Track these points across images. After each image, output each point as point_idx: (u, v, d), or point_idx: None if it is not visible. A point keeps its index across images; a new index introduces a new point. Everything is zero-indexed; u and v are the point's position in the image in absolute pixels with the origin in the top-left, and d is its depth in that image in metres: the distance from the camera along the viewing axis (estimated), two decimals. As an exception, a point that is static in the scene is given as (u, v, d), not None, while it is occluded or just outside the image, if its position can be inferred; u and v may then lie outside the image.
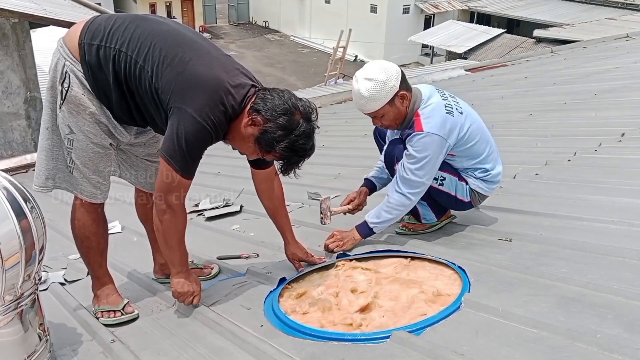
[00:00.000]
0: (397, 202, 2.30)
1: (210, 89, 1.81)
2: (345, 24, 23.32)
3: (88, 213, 2.08)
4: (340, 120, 6.76)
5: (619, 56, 7.58)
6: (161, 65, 1.81)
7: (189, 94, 1.80)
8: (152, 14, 27.74)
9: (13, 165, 5.67)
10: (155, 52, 1.82)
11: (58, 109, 1.95)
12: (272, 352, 1.72)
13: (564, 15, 22.05)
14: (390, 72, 2.20)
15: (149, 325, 2.07)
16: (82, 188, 2.03)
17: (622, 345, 1.46)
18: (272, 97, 1.86)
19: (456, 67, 9.89)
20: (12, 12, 6.27)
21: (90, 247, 2.11)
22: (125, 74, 1.86)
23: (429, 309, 1.84)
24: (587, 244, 2.11)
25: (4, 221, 1.52)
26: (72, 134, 1.95)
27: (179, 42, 1.86)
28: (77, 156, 1.98)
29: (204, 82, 1.81)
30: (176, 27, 1.95)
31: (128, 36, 1.85)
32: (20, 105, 6.97)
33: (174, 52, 1.83)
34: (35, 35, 7.39)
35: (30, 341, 1.68)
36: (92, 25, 1.90)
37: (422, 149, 2.21)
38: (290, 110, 1.84)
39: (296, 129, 1.84)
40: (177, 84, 1.80)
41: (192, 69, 1.81)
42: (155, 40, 1.84)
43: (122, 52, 1.84)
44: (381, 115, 2.26)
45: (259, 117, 1.84)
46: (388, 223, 2.37)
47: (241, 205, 3.50)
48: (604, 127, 3.96)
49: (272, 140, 1.84)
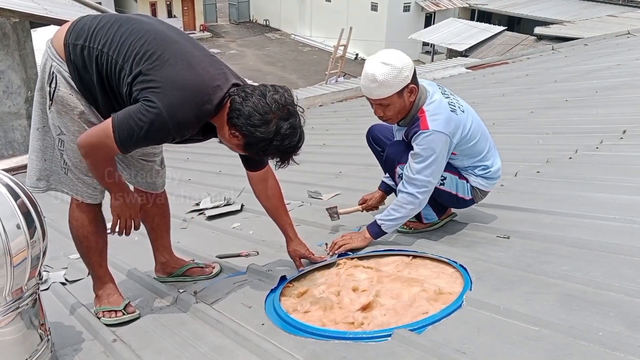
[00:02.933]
0: (405, 201, 2.27)
1: (185, 88, 1.77)
2: (346, 22, 23.30)
3: (86, 213, 2.07)
4: (341, 118, 6.75)
5: (620, 53, 7.57)
6: (139, 63, 1.78)
7: (163, 89, 1.75)
8: (152, 14, 27.96)
9: (14, 165, 5.67)
10: (134, 51, 1.80)
11: (48, 110, 1.94)
12: (274, 351, 1.72)
13: (564, 12, 22.03)
14: (406, 61, 2.17)
15: (150, 324, 2.08)
16: (77, 189, 2.02)
17: (624, 342, 1.46)
18: (246, 104, 1.80)
19: (457, 65, 9.87)
20: (13, 11, 6.27)
21: (90, 247, 2.11)
22: (108, 74, 1.85)
23: (431, 308, 1.84)
24: (589, 242, 2.11)
25: (10, 218, 1.54)
26: (62, 135, 1.94)
27: (159, 42, 1.82)
28: (68, 157, 1.97)
29: (179, 81, 1.77)
30: (159, 26, 1.91)
31: (110, 36, 1.84)
32: (21, 105, 6.97)
33: (153, 50, 1.79)
34: (36, 34, 7.39)
35: (31, 341, 1.68)
36: (77, 25, 1.90)
37: (428, 147, 2.18)
38: (265, 119, 1.79)
39: (277, 134, 1.80)
40: (152, 78, 1.76)
41: (170, 67, 1.77)
42: (135, 39, 1.82)
43: (103, 53, 1.83)
44: (387, 104, 2.22)
45: (237, 132, 1.84)
46: (397, 221, 2.33)
47: (242, 204, 3.49)
48: (605, 125, 3.96)
49: (258, 150, 1.86)
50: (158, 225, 2.37)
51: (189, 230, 3.24)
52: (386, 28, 25.91)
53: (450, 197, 2.38)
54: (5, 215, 1.53)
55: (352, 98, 7.97)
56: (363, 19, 26.19)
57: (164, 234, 2.39)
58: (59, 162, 2.00)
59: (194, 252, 2.68)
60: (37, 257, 1.63)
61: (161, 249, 2.40)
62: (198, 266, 2.44)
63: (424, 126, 2.19)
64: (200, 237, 3.10)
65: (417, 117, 2.23)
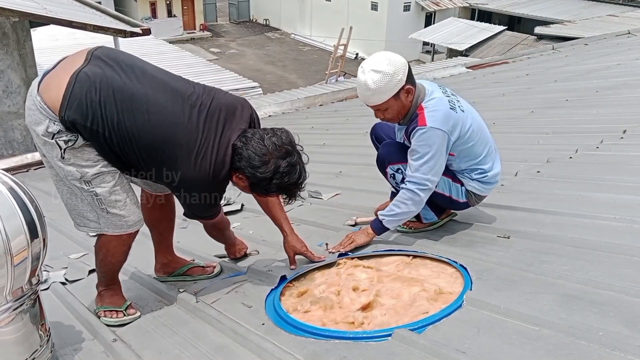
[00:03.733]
0: (405, 197, 2.26)
1: (204, 176, 1.91)
2: (346, 22, 23.29)
3: (123, 246, 2.04)
4: (341, 118, 6.75)
5: (621, 53, 7.56)
6: (155, 164, 1.89)
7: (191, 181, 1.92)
8: (152, 13, 28.06)
9: (14, 165, 5.66)
10: (145, 150, 1.86)
11: (59, 160, 1.85)
12: (274, 350, 1.72)
13: (565, 12, 22.03)
14: (398, 65, 2.15)
15: (151, 324, 2.08)
16: (127, 221, 1.97)
17: (624, 342, 1.46)
18: (246, 147, 1.92)
19: (457, 64, 9.86)
20: (13, 11, 6.25)
21: (112, 269, 2.11)
22: (116, 148, 1.86)
23: (431, 307, 1.84)
24: (589, 241, 2.11)
25: (11, 217, 1.54)
26: (85, 176, 1.87)
27: (164, 133, 1.85)
28: (102, 190, 1.90)
29: (198, 177, 1.90)
30: (161, 100, 1.88)
31: (114, 123, 1.81)
32: (21, 105, 6.96)
33: (162, 148, 1.86)
34: (36, 34, 7.40)
35: (31, 341, 1.69)
36: (72, 98, 1.78)
37: (425, 144, 2.18)
38: (263, 160, 1.91)
39: (277, 173, 1.92)
40: (179, 180, 1.90)
41: (186, 170, 1.88)
42: (139, 133, 1.83)
43: (107, 137, 1.82)
44: (385, 108, 2.23)
45: (241, 174, 1.96)
46: (398, 217, 2.32)
47: (242, 204, 3.49)
48: (605, 124, 3.95)
49: (262, 188, 1.98)
50: (165, 228, 2.38)
51: (189, 230, 3.23)
52: (386, 27, 25.89)
53: (444, 199, 2.38)
54: (6, 214, 1.53)
55: (352, 97, 7.96)
56: (363, 18, 26.18)
57: (168, 235, 2.40)
58: (96, 207, 1.93)
59: (194, 251, 2.68)
60: (37, 257, 1.63)
61: (164, 250, 2.41)
62: (199, 266, 2.44)
63: (422, 122, 2.18)
64: (200, 237, 3.08)
65: (415, 114, 2.23)
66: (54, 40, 11.16)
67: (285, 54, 28.39)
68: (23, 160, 5.80)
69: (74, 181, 1.88)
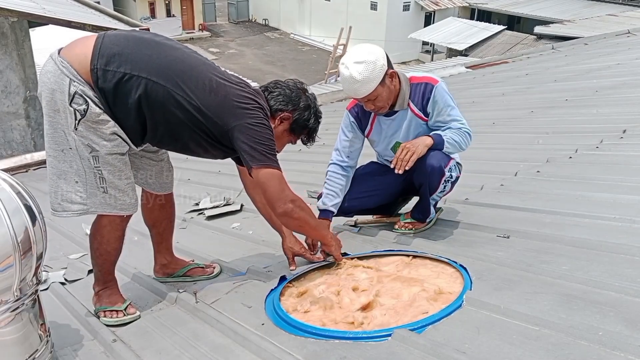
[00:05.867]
0: (465, 136, 2.30)
1: (250, 100, 2.00)
2: (345, 22, 23.30)
3: (117, 231, 2.05)
4: (340, 118, 6.73)
5: (620, 52, 7.56)
6: (202, 93, 1.91)
7: (238, 110, 1.95)
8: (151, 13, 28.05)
9: (13, 165, 5.65)
10: (192, 82, 1.90)
11: (72, 131, 1.85)
12: (274, 350, 1.72)
13: (564, 11, 22.02)
14: (377, 52, 2.23)
15: (150, 324, 2.07)
16: (122, 203, 1.98)
17: (624, 342, 1.46)
18: (277, 91, 2.13)
19: (457, 64, 9.86)
20: (11, 10, 6.26)
21: (107, 260, 2.11)
22: (154, 100, 1.86)
23: (431, 307, 1.84)
24: (589, 241, 2.11)
25: (17, 215, 1.55)
26: (94, 152, 1.88)
27: (202, 69, 1.95)
28: (106, 171, 1.92)
29: (244, 100, 1.98)
30: (189, 52, 2.00)
31: (154, 65, 1.86)
32: (20, 105, 6.97)
33: (204, 78, 1.93)
34: (34, 34, 7.38)
35: (31, 341, 1.68)
36: (103, 49, 1.83)
37: (449, 95, 2.30)
38: (298, 93, 2.15)
39: (310, 100, 2.19)
40: (225, 107, 1.94)
41: (229, 90, 1.96)
42: (184, 67, 1.91)
43: (151, 81, 1.85)
44: (375, 97, 2.27)
45: (284, 114, 2.13)
46: (453, 147, 2.29)
47: (242, 204, 3.49)
48: (605, 124, 3.95)
49: (304, 122, 2.18)
50: (164, 229, 2.37)
51: (188, 230, 3.24)
52: (386, 27, 25.88)
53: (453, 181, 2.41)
54: (12, 212, 1.54)
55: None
56: (362, 18, 26.16)
57: (168, 236, 2.40)
58: (95, 184, 1.93)
59: (193, 252, 2.68)
60: (40, 255, 1.64)
61: (163, 251, 2.40)
62: (198, 267, 2.44)
63: (430, 80, 2.31)
64: (199, 237, 3.09)
65: (415, 85, 2.32)
66: (52, 40, 11.15)
67: (284, 54, 28.38)
68: (22, 161, 5.79)
69: (83, 153, 1.88)
